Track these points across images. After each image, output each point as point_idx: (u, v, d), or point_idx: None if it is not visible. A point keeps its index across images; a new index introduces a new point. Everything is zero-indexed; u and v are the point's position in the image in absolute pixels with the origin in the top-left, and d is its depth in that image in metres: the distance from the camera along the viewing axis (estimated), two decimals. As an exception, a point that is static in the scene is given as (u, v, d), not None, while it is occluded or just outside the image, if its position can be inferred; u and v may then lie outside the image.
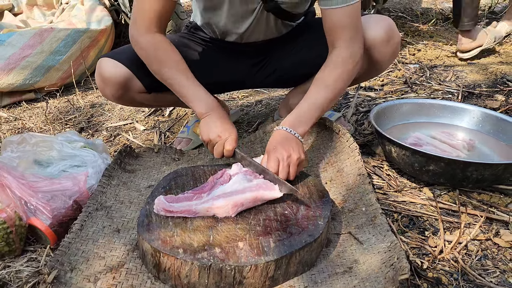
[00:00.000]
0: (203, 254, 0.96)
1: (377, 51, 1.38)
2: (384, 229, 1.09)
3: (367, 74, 1.51)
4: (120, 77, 1.39)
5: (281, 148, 1.20)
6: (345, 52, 1.27)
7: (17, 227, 1.12)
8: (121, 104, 1.54)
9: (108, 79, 1.39)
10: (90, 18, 2.60)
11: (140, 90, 1.45)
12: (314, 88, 1.29)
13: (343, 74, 1.28)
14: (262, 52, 1.53)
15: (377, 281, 0.95)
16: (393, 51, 1.41)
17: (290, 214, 1.10)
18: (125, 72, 1.39)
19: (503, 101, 1.97)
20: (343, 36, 1.26)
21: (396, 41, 1.40)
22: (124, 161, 1.43)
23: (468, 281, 1.05)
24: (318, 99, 1.28)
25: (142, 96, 1.48)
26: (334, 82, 1.28)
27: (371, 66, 1.44)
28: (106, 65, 1.39)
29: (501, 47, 2.73)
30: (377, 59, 1.41)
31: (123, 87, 1.41)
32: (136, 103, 1.55)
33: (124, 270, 1.03)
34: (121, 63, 1.39)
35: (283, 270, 0.98)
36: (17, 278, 1.07)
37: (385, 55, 1.40)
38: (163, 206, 1.09)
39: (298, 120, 1.26)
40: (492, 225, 1.23)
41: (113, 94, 1.43)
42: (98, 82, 1.44)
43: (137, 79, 1.41)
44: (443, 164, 1.31)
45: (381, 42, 1.37)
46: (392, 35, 1.38)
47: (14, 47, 2.23)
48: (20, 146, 1.37)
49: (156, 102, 1.58)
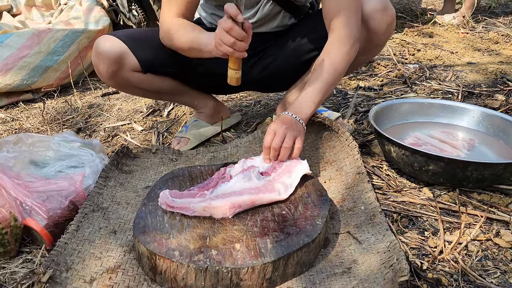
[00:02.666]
0: (200, 257, 0.94)
1: (374, 21, 1.40)
2: (383, 228, 1.07)
3: (366, 52, 1.50)
4: (115, 51, 1.41)
5: (281, 122, 1.22)
6: (343, 32, 1.29)
7: (12, 228, 1.11)
8: (115, 86, 1.55)
9: (103, 53, 1.41)
10: (88, 19, 2.59)
11: (135, 68, 1.46)
12: (314, 73, 1.32)
13: (342, 55, 1.30)
14: (263, 44, 1.53)
15: (376, 282, 0.94)
16: (390, 20, 1.42)
17: (287, 214, 1.09)
18: (121, 46, 1.42)
19: (503, 101, 1.96)
20: (342, 16, 1.28)
21: (392, 12, 1.42)
22: (121, 162, 1.42)
23: (468, 282, 1.04)
24: (319, 83, 1.29)
25: (137, 77, 1.49)
26: (333, 65, 1.30)
27: (369, 40, 1.44)
28: (102, 40, 1.43)
29: (501, 46, 2.73)
30: (374, 29, 1.41)
31: (117, 62, 1.42)
32: (130, 87, 1.54)
33: (120, 271, 1.02)
34: (117, 38, 1.42)
35: (281, 271, 0.97)
36: (12, 280, 1.06)
37: (382, 24, 1.41)
38: (166, 201, 1.10)
39: (300, 105, 1.29)
40: (493, 225, 1.22)
41: (107, 70, 1.44)
42: (93, 59, 1.46)
43: (132, 56, 1.44)
44: (443, 163, 1.30)
45: (377, 11, 1.39)
46: (387, 6, 1.41)
47: (12, 48, 2.22)
48: (16, 146, 1.36)
49: (150, 86, 1.57)
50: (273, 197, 1.12)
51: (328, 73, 1.29)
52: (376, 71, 2.41)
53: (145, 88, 1.56)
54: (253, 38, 1.48)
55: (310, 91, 1.30)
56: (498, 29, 3.07)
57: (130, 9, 2.78)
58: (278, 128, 1.21)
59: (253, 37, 1.49)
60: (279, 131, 1.21)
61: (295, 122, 1.24)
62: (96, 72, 1.50)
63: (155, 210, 1.10)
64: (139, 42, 1.44)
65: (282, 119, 1.24)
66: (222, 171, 1.23)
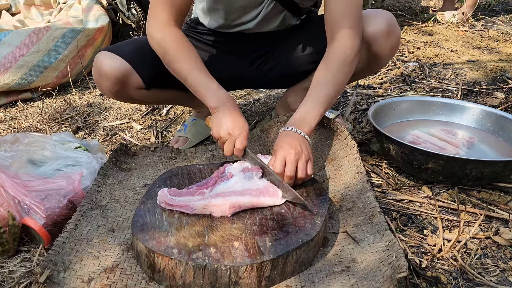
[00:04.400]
0: (198, 254, 0.94)
1: (377, 45, 1.37)
2: (382, 228, 1.07)
3: (367, 69, 1.49)
4: (118, 71, 1.36)
5: (289, 147, 1.16)
6: (344, 43, 1.25)
7: (11, 227, 1.11)
8: (117, 99, 1.52)
9: (105, 73, 1.36)
10: (87, 17, 2.59)
11: (138, 86, 1.42)
12: (315, 84, 1.26)
13: (344, 66, 1.25)
14: (264, 46, 1.52)
15: (375, 279, 0.94)
16: (394, 45, 1.40)
17: (286, 213, 1.08)
18: (124, 66, 1.36)
19: (503, 99, 1.96)
20: (343, 26, 1.24)
21: (397, 35, 1.39)
22: (119, 160, 1.41)
23: (467, 280, 1.03)
24: (321, 95, 1.24)
25: (140, 93, 1.46)
26: (335, 76, 1.25)
27: (371, 61, 1.42)
28: (104, 58, 1.36)
29: (501, 44, 2.72)
30: (377, 52, 1.39)
31: (120, 82, 1.38)
32: (132, 100, 1.53)
33: (118, 270, 1.01)
34: (120, 56, 1.36)
35: (280, 270, 0.96)
36: (10, 279, 1.06)
37: (386, 49, 1.39)
38: (165, 199, 1.09)
39: (302, 119, 1.23)
40: (492, 223, 1.22)
41: (110, 90, 1.41)
42: (94, 76, 1.41)
43: (136, 75, 1.39)
44: (442, 161, 1.29)
45: (381, 35, 1.35)
46: (393, 28, 1.37)
47: (10, 46, 2.22)
48: (14, 145, 1.35)
49: (154, 99, 1.56)
50: (275, 202, 1.11)
51: (331, 84, 1.25)
52: (376, 69, 2.41)
53: (147, 100, 1.56)
54: (257, 38, 1.49)
55: (313, 104, 1.24)
56: (498, 27, 3.07)
57: (129, 7, 2.77)
58: (288, 155, 1.15)
59: (257, 37, 1.49)
60: (289, 158, 1.14)
61: (302, 141, 1.18)
62: (98, 88, 1.45)
63: (153, 208, 1.10)
64: (143, 59, 1.36)
65: (289, 143, 1.17)
66: (221, 169, 1.23)
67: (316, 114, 1.24)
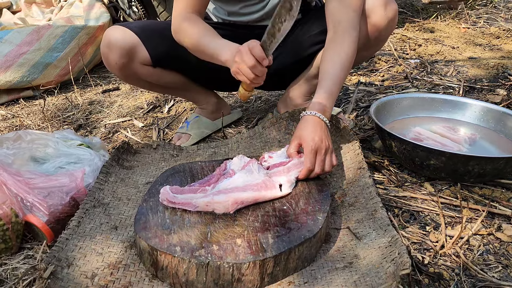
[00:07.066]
0: (201, 252, 0.94)
1: (375, 16, 1.40)
2: (384, 223, 1.07)
3: (367, 47, 1.49)
4: (126, 43, 1.40)
5: (319, 140, 1.18)
6: (345, 23, 1.29)
7: (14, 224, 1.11)
8: (123, 78, 1.53)
9: (114, 44, 1.40)
10: (88, 15, 2.59)
11: (145, 61, 1.45)
12: (327, 65, 1.28)
13: (350, 43, 1.29)
14: None
15: (377, 276, 0.94)
16: (391, 16, 1.42)
17: (289, 209, 1.08)
18: (133, 38, 1.40)
19: (505, 96, 1.96)
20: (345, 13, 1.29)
21: (394, 8, 1.42)
22: (122, 158, 1.41)
23: (470, 276, 1.04)
24: (335, 74, 1.27)
25: (146, 70, 1.48)
26: (344, 53, 1.28)
27: (370, 35, 1.44)
28: (113, 31, 1.41)
29: (503, 41, 2.72)
30: (375, 24, 1.41)
31: (128, 54, 1.41)
32: (137, 80, 1.54)
33: (122, 267, 1.01)
34: (130, 29, 1.41)
35: (282, 266, 0.97)
36: (14, 276, 1.06)
37: (384, 19, 1.41)
38: (167, 197, 1.09)
39: (325, 102, 1.24)
40: (494, 219, 1.22)
41: (117, 62, 1.43)
42: (102, 50, 1.44)
43: (143, 48, 1.42)
44: (444, 158, 1.29)
45: (378, 5, 1.39)
46: (389, 1, 1.41)
47: (12, 44, 2.22)
48: (16, 143, 1.35)
49: (158, 81, 1.56)
50: (275, 194, 1.12)
51: (339, 70, 1.27)
52: (377, 66, 2.41)
53: (152, 81, 1.56)
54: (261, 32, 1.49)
55: (332, 84, 1.26)
56: (500, 23, 3.06)
57: (130, 5, 2.77)
58: (318, 146, 1.17)
59: (260, 30, 1.49)
60: (319, 157, 1.18)
61: (325, 128, 1.22)
62: (104, 63, 1.48)
63: (156, 206, 1.10)
64: (152, 35, 1.41)
65: (317, 132, 1.19)
66: (223, 166, 1.23)
67: (335, 96, 1.27)
